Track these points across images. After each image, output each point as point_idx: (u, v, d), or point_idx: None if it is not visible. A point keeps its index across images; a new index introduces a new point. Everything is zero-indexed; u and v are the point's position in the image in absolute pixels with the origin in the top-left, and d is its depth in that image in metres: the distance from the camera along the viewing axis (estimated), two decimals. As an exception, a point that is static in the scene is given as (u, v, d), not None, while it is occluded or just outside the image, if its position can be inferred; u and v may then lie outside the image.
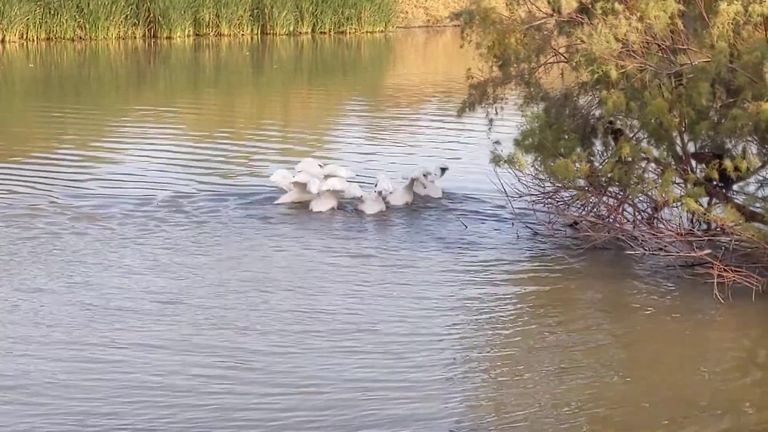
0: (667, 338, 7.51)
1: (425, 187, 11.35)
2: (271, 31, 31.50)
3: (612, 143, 9.58)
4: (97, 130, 16.53)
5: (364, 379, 6.52)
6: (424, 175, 11.28)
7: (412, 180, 11.17)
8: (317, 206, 10.77)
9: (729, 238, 8.64)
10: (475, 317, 7.81)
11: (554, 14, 9.54)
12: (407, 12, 36.74)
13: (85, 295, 8.00)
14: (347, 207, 10.95)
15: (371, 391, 6.34)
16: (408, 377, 6.56)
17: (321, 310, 7.75)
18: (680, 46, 8.81)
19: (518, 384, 6.59)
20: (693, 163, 9.28)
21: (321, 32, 32.49)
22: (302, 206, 10.85)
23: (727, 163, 8.59)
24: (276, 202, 10.96)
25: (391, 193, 10.84)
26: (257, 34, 31.45)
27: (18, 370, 6.59)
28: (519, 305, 8.15)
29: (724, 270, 8.11)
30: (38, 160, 13.37)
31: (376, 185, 10.81)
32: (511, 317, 7.83)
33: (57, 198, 11.10)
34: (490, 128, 9.99)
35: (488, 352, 7.21)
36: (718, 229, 8.89)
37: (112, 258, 8.97)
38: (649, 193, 9.37)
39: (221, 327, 7.38)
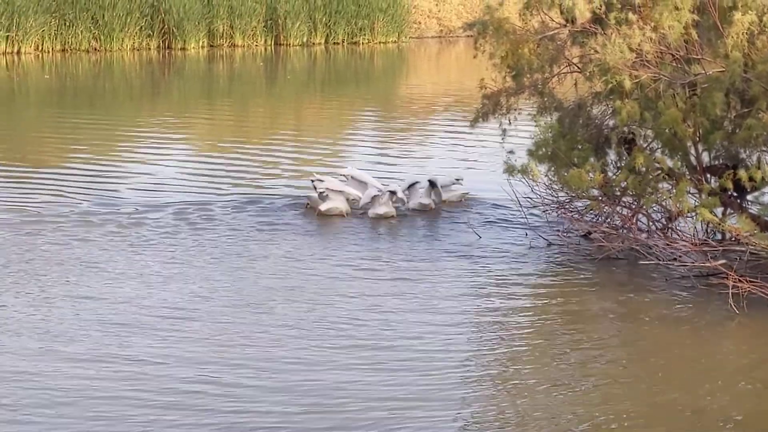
0: (682, 348, 7.49)
1: (445, 195, 11.37)
2: (285, 42, 31.52)
3: (626, 153, 9.56)
4: (112, 140, 16.56)
5: (383, 393, 6.49)
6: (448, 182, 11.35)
7: (431, 185, 11.20)
8: (324, 206, 10.81)
9: (744, 249, 8.62)
10: (489, 328, 7.79)
11: (568, 24, 9.54)
12: (420, 22, 36.72)
13: (98, 306, 8.01)
14: (357, 212, 10.97)
15: (390, 405, 6.32)
16: (426, 390, 6.54)
17: (336, 323, 7.74)
18: (694, 56, 8.80)
19: (534, 395, 6.58)
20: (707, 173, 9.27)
21: (334, 43, 32.50)
22: (315, 215, 10.86)
23: (742, 173, 8.57)
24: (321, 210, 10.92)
25: (405, 192, 10.93)
26: (271, 44, 31.47)
27: (28, 382, 6.61)
28: (533, 316, 8.13)
29: (739, 280, 8.08)
30: (52, 169, 13.40)
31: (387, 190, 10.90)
32: (526, 328, 7.82)
33: (69, 206, 11.10)
34: (503, 138, 10.00)
35: (503, 363, 7.19)
36: (733, 239, 8.86)
37: (125, 267, 8.99)
38: (663, 203, 9.35)
39: (236, 340, 7.38)
